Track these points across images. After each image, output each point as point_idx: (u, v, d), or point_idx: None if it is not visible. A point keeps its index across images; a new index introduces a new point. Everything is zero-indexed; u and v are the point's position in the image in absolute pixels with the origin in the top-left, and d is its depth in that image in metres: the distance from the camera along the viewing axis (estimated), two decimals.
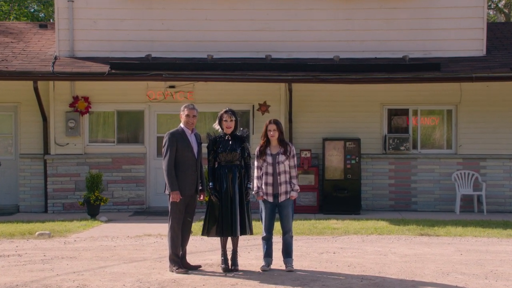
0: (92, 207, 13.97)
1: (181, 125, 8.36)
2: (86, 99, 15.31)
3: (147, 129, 15.55)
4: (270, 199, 8.30)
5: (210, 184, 8.24)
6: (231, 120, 8.32)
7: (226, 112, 8.35)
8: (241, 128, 8.56)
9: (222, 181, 8.19)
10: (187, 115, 8.33)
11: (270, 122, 8.38)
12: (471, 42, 15.25)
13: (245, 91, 15.31)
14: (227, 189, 8.16)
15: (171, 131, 8.37)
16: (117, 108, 15.55)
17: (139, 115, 15.62)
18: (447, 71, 14.56)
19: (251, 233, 8.36)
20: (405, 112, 15.61)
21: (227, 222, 8.11)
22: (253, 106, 15.33)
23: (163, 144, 8.28)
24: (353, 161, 14.83)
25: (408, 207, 15.39)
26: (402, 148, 15.30)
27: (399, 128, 15.63)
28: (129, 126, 15.74)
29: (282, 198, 8.28)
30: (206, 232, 8.29)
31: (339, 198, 14.75)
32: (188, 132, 8.33)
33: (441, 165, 15.40)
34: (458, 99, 15.42)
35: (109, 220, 13.56)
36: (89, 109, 15.36)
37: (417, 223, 12.56)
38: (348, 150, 14.84)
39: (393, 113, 15.67)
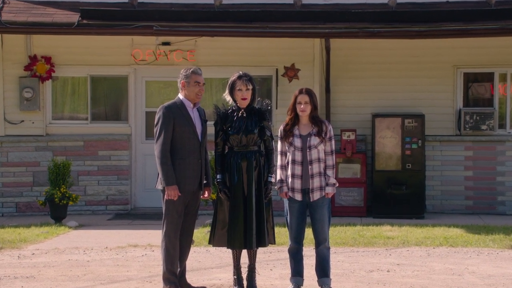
0: (57, 208, 14.10)
1: (180, 96, 8.40)
2: (47, 60, 15.39)
3: (132, 102, 15.62)
4: (299, 196, 8.38)
5: (218, 176, 8.33)
6: (247, 89, 8.37)
7: (239, 77, 8.39)
8: (259, 99, 8.56)
9: (233, 173, 8.27)
10: (197, 83, 8.34)
11: (301, 92, 8.44)
12: None
13: (265, 50, 15.34)
14: (239, 184, 8.25)
15: (166, 104, 8.43)
16: (91, 72, 15.64)
17: (121, 82, 15.71)
18: None
19: (273, 243, 8.46)
20: (488, 78, 15.56)
21: (239, 229, 8.18)
22: (277, 70, 15.37)
23: (156, 122, 8.36)
24: (414, 146, 14.84)
25: (493, 209, 15.38)
26: (484, 127, 15.26)
27: (480, 100, 15.61)
28: (108, 98, 15.85)
29: (314, 195, 8.35)
30: (212, 240, 8.40)
31: (394, 196, 14.80)
32: (189, 105, 8.36)
33: None
34: None
35: (80, 226, 13.72)
36: (52, 74, 15.44)
37: (506, 231, 12.56)
38: (408, 131, 14.85)
39: (471, 79, 15.63)
